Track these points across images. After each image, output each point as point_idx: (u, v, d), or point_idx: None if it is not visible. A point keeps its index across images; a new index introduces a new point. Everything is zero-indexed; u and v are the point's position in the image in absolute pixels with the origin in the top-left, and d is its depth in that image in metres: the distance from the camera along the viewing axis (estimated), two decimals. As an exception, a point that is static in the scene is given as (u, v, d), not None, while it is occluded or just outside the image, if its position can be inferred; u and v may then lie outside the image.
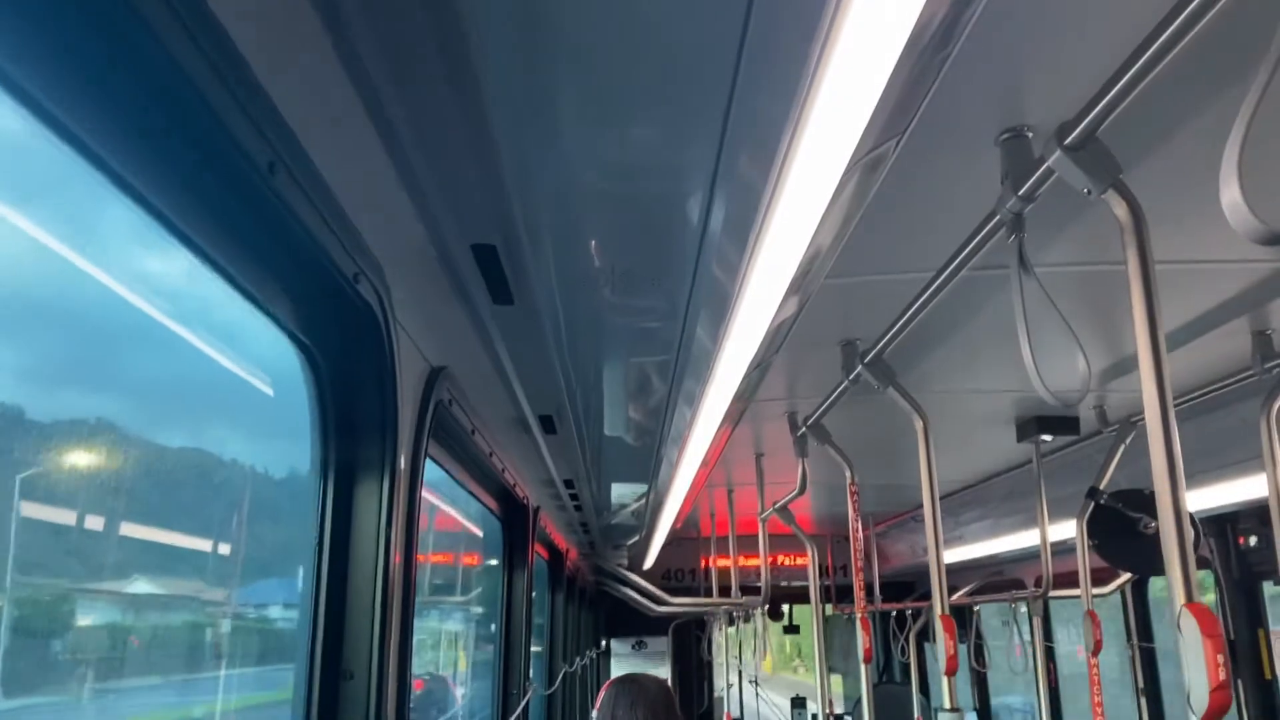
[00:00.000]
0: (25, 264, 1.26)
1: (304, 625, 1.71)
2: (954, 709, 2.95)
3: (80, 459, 1.44)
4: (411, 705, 1.89)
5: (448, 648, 5.65)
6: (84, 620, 1.53)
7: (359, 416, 1.76)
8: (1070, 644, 7.75)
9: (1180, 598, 1.49)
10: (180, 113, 1.05)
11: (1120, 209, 1.64)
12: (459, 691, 5.59)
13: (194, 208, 1.24)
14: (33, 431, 1.34)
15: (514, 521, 4.55)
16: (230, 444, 1.91)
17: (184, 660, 1.89)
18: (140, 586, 1.70)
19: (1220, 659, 1.40)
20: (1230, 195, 1.22)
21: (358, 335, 1.69)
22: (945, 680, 2.92)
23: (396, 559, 1.78)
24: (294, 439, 1.78)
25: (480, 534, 5.09)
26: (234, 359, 1.84)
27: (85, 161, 1.04)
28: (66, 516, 1.49)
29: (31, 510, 1.41)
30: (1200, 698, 1.42)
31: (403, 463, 1.84)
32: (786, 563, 9.62)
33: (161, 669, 1.77)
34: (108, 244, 1.38)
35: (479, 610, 5.53)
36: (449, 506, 4.55)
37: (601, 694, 3.56)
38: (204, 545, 2.01)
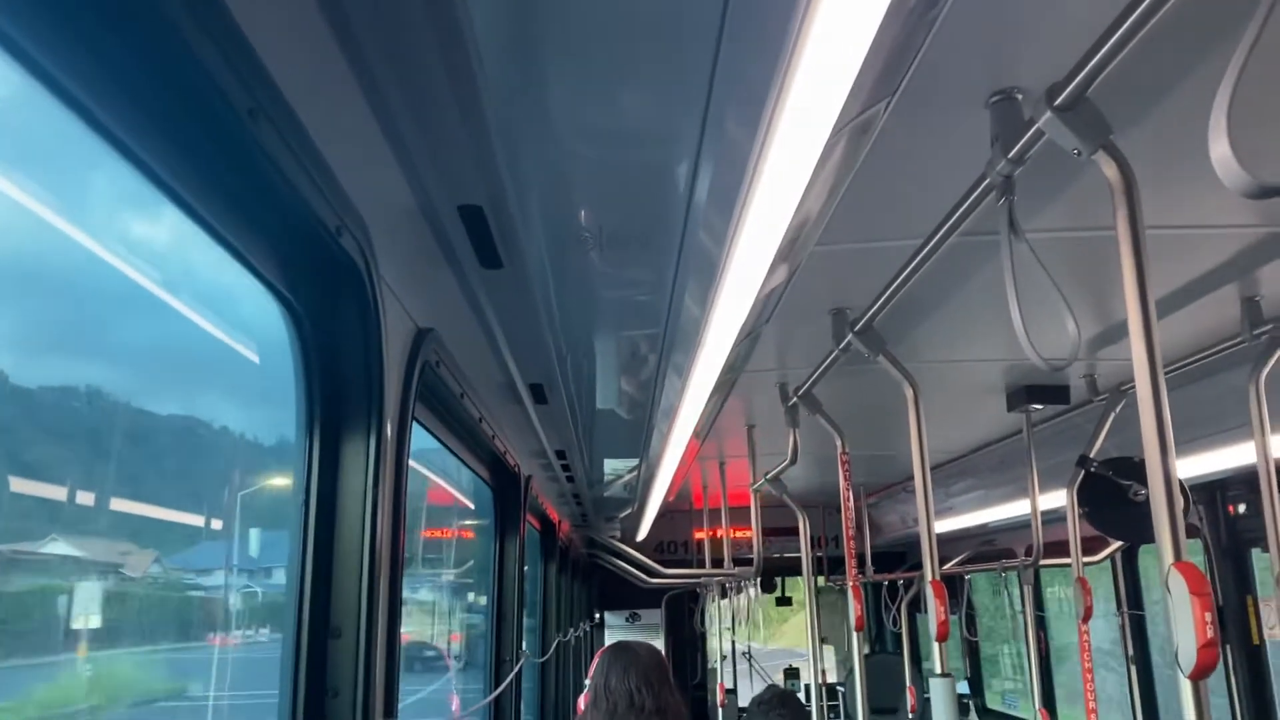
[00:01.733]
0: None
1: (291, 584, 1.71)
2: (945, 674, 2.97)
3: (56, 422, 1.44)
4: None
5: (441, 616, 5.69)
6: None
7: (344, 373, 1.75)
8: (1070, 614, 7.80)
9: (1169, 557, 1.49)
10: (158, 55, 1.04)
11: (1110, 170, 1.63)
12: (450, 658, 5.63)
13: (173, 153, 1.22)
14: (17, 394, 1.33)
15: (505, 490, 4.55)
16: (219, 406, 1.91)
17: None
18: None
19: (1208, 617, 1.41)
20: (1220, 149, 1.21)
21: (341, 290, 1.68)
22: (936, 645, 2.93)
23: (384, 518, 1.78)
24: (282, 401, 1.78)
25: (472, 505, 5.10)
26: (218, 317, 1.83)
27: (61, 105, 1.03)
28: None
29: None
30: (1188, 655, 1.43)
31: (389, 421, 1.84)
32: (779, 534, 9.66)
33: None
34: (83, 192, 1.36)
35: (472, 579, 5.55)
36: (439, 477, 4.56)
37: (595, 661, 3.58)
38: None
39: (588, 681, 3.57)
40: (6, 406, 1.40)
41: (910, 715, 4.30)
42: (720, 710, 8.47)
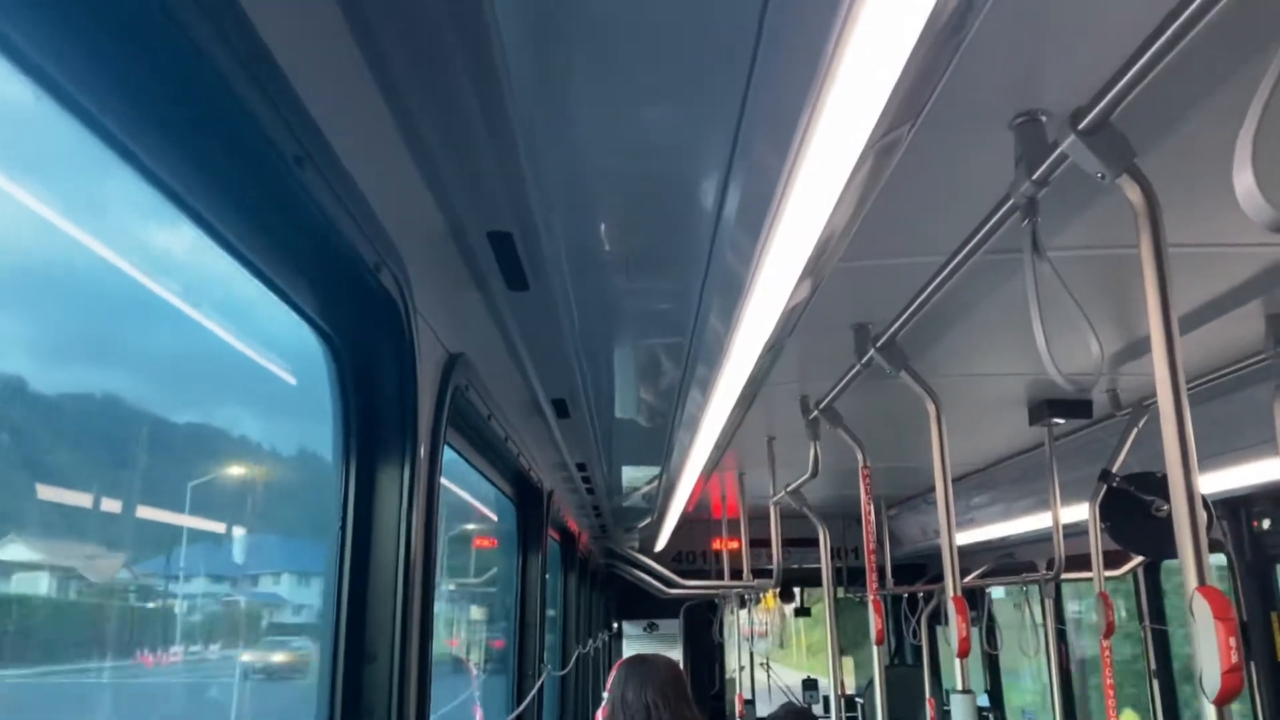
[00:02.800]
0: (57, 255, 1.28)
1: (327, 609, 1.74)
2: (965, 690, 2.97)
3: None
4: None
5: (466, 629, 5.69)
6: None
7: (380, 403, 1.78)
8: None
9: (1193, 581, 1.50)
10: (209, 107, 1.07)
11: (1134, 194, 1.64)
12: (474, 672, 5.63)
13: (223, 202, 1.26)
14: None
15: (528, 505, 4.57)
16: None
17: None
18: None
19: (1232, 642, 1.41)
20: (1244, 182, 1.22)
21: (378, 323, 1.71)
22: (958, 662, 2.93)
23: (417, 543, 1.80)
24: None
25: (495, 518, 5.12)
26: (260, 349, 1.85)
27: (116, 155, 1.06)
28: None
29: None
30: (1213, 681, 1.43)
31: (422, 448, 1.86)
32: (798, 545, 9.64)
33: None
34: (137, 237, 1.40)
35: (493, 592, 5.57)
36: (465, 492, 4.58)
37: (612, 674, 3.58)
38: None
39: (605, 695, 3.57)
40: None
41: (930, 729, 4.29)
42: (738, 720, 8.45)
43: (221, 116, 1.08)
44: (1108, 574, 4.25)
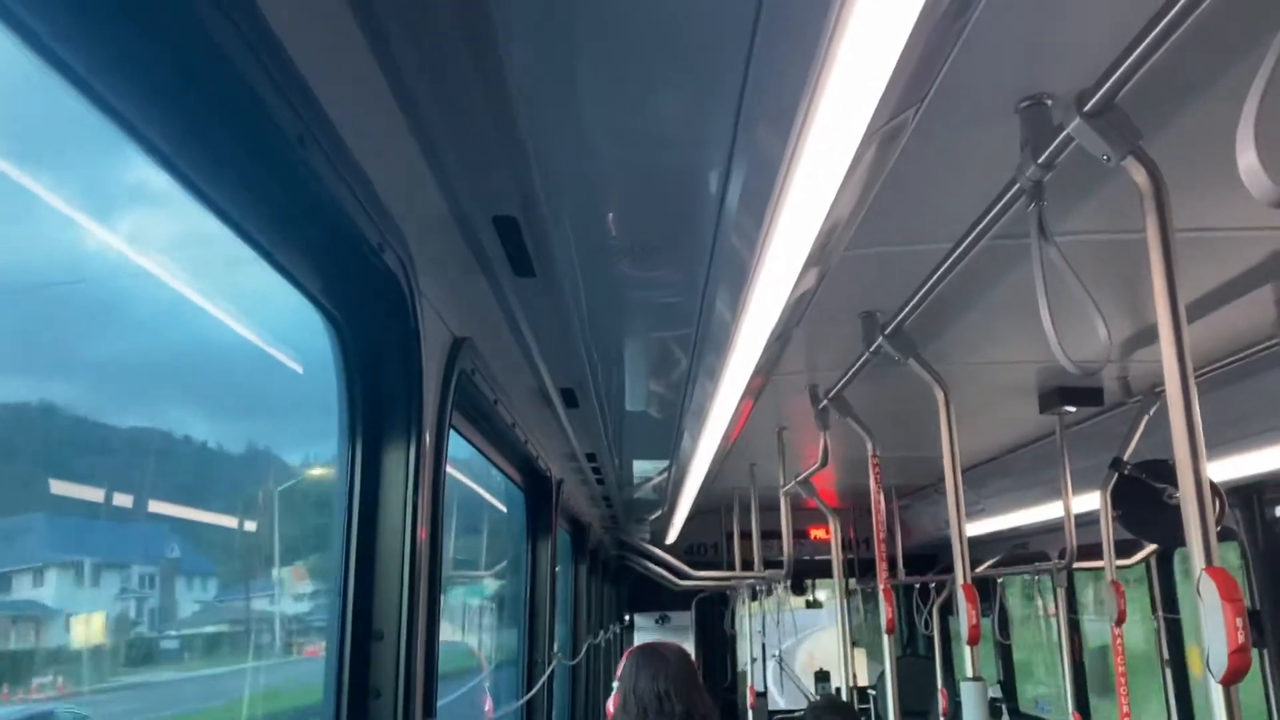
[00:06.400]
0: (63, 236, 1.29)
1: (335, 588, 1.76)
2: (976, 677, 2.97)
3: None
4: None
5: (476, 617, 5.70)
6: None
7: (384, 385, 1.80)
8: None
9: (1200, 562, 1.50)
10: (212, 87, 1.08)
11: (1140, 176, 1.63)
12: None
13: (226, 180, 1.28)
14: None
15: (537, 494, 4.59)
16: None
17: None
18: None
19: (1239, 622, 1.41)
20: (1247, 160, 1.22)
21: (382, 304, 1.73)
22: (968, 649, 2.93)
23: (423, 524, 1.82)
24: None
25: (504, 508, 5.14)
26: (263, 330, 1.86)
27: (117, 130, 1.07)
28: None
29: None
30: (1219, 661, 1.44)
31: (428, 431, 1.88)
32: (809, 536, 9.63)
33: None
34: (141, 217, 1.40)
35: (504, 582, 5.59)
36: (473, 481, 4.59)
37: (622, 663, 3.57)
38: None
39: (616, 684, 3.57)
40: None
41: (942, 719, 4.29)
42: (750, 713, 8.45)
43: (225, 96, 1.10)
44: (1120, 563, 4.23)
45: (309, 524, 2.42)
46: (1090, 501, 4.22)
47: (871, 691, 9.62)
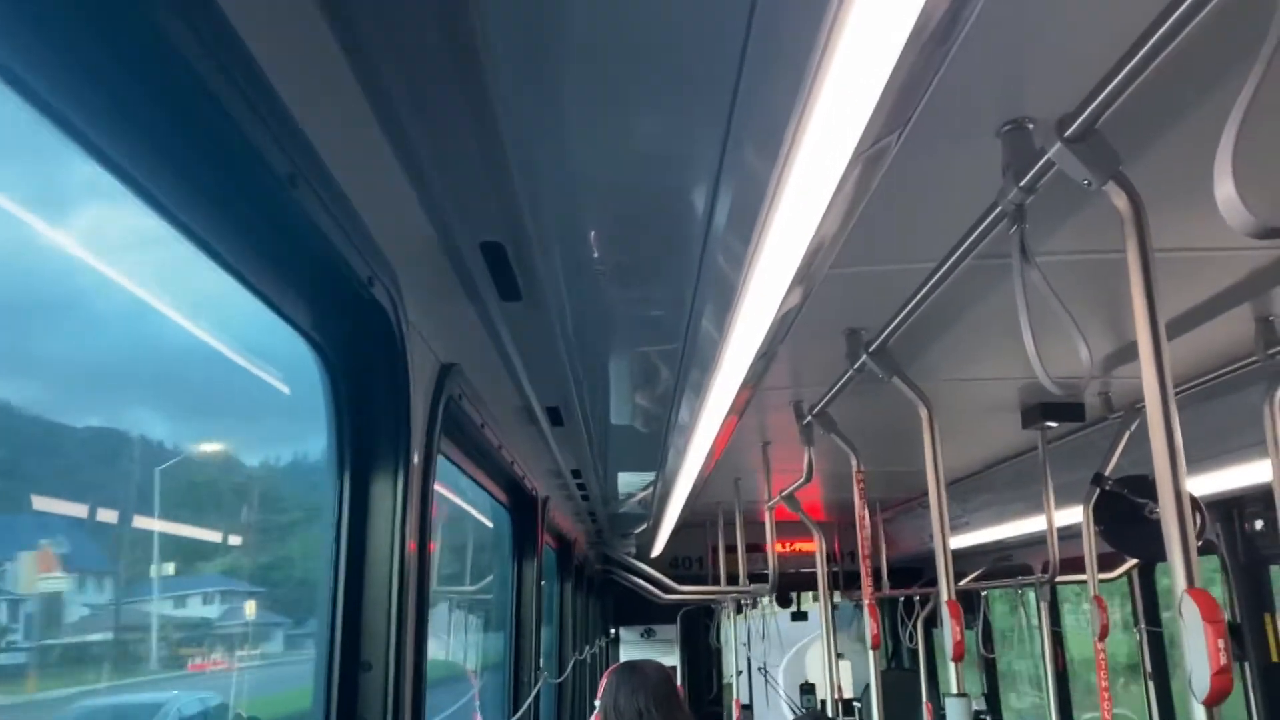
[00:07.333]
0: (53, 273, 1.29)
1: (323, 618, 1.75)
2: (961, 694, 2.98)
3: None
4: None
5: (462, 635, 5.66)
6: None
7: (373, 414, 1.80)
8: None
9: (1181, 583, 1.51)
10: (202, 128, 1.08)
11: (1120, 200, 1.65)
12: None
13: (217, 219, 1.28)
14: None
15: (523, 512, 4.58)
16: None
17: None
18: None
19: (1221, 644, 1.43)
20: (1224, 190, 1.24)
21: (371, 336, 1.73)
22: (952, 665, 2.94)
23: (411, 552, 1.82)
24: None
25: (490, 525, 5.12)
26: (255, 362, 1.85)
27: (111, 175, 1.07)
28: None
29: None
30: (1202, 682, 1.45)
31: (416, 458, 1.88)
32: (794, 549, 9.65)
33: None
34: (134, 257, 1.41)
35: (490, 600, 5.56)
36: (459, 499, 4.57)
37: (603, 681, 3.58)
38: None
39: (597, 702, 3.58)
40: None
41: (927, 733, 4.29)
42: (736, 726, 8.45)
43: (215, 136, 1.10)
44: (1102, 576, 4.25)
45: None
46: (1072, 516, 4.25)
47: (857, 704, 9.62)
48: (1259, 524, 4.80)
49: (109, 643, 1.81)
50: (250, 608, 2.38)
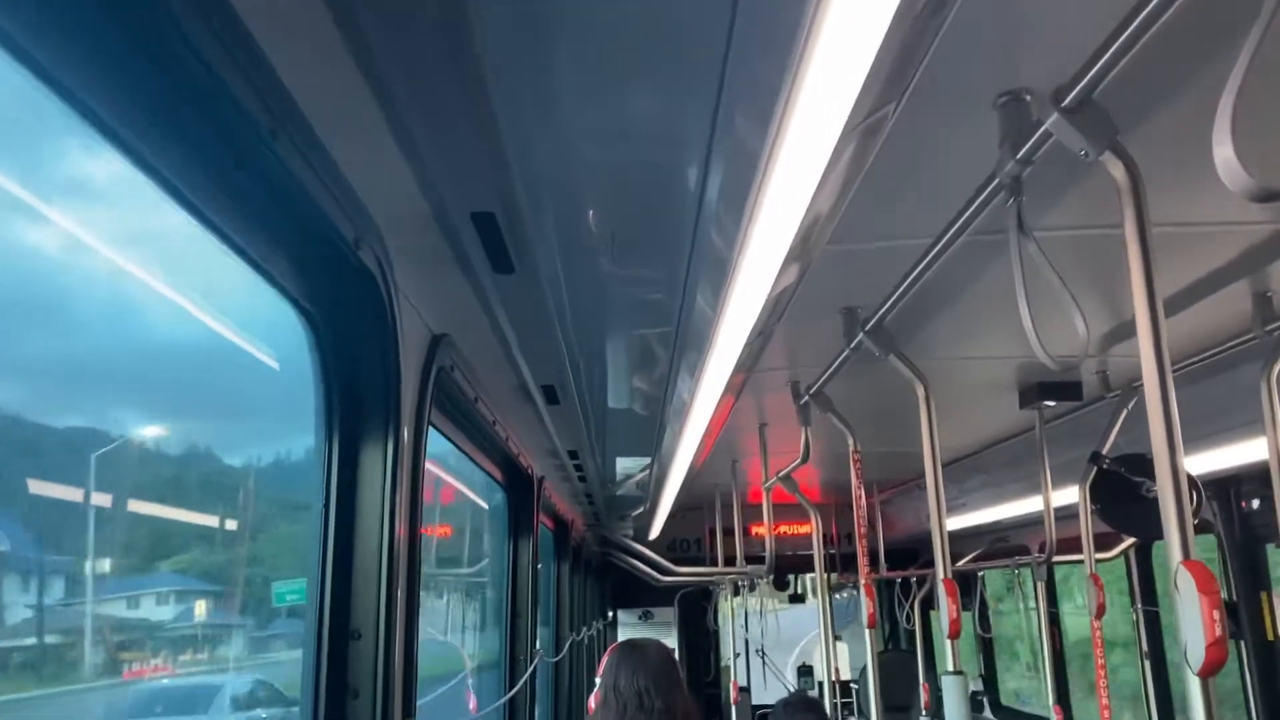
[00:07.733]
0: (24, 231, 1.27)
1: (312, 587, 1.75)
2: (958, 671, 2.98)
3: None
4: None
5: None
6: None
7: (362, 381, 1.78)
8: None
9: (1177, 555, 1.50)
10: (180, 77, 1.06)
11: (1117, 170, 1.64)
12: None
13: (197, 173, 1.26)
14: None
15: (519, 491, 4.58)
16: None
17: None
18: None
19: (1216, 615, 1.42)
20: (1224, 152, 1.22)
21: (359, 300, 1.72)
22: (948, 643, 2.94)
23: (402, 522, 1.81)
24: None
25: (486, 505, 5.12)
26: (239, 327, 1.84)
27: (90, 125, 1.05)
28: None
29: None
30: (1197, 653, 1.44)
31: (406, 427, 1.87)
32: (791, 531, 9.66)
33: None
34: (112, 211, 1.39)
35: (486, 580, 5.57)
36: (455, 479, 4.57)
37: (604, 660, 3.58)
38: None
39: (597, 680, 3.58)
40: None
41: (924, 712, 4.30)
42: (734, 708, 8.47)
43: (193, 86, 1.08)
44: (1099, 556, 4.25)
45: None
46: (1069, 495, 4.24)
47: (854, 685, 9.65)
48: (1255, 503, 4.80)
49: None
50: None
